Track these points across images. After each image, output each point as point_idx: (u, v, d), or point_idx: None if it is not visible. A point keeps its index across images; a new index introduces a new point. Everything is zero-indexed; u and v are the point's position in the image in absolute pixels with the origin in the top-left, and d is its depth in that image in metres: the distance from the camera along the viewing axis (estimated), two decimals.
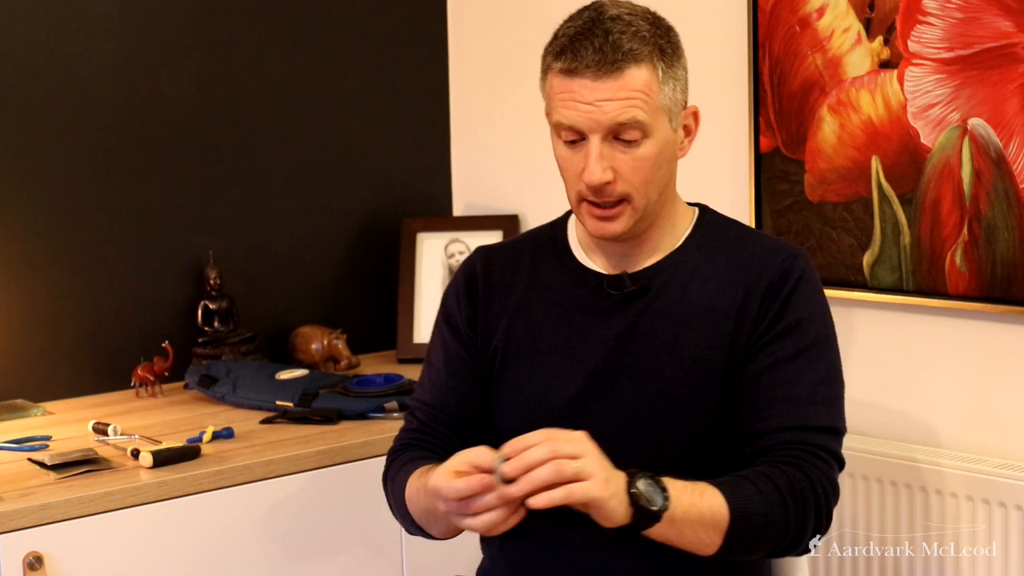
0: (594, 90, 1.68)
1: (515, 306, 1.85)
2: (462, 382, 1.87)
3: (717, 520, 1.61)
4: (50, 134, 2.64)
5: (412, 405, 1.92)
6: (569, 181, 1.76)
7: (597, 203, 1.73)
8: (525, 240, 1.94)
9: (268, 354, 2.88)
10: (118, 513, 2.07)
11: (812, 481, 1.68)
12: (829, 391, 1.76)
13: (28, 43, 2.60)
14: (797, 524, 1.66)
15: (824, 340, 1.77)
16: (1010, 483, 2.21)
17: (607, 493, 1.53)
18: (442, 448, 1.83)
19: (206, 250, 2.80)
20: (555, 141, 1.76)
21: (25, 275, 2.62)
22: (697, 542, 1.62)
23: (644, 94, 1.69)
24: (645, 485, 1.57)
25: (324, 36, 2.98)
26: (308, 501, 2.27)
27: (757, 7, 2.52)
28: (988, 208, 2.26)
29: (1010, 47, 2.21)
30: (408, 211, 3.08)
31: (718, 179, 2.66)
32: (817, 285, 1.80)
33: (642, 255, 1.81)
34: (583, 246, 1.85)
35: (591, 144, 1.70)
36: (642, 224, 1.76)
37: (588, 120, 1.69)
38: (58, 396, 2.64)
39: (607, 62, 1.68)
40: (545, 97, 1.77)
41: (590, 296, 1.81)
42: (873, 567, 2.39)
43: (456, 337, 1.88)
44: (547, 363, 1.80)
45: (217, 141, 2.85)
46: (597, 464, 1.54)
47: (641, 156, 1.71)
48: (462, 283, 1.90)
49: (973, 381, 2.36)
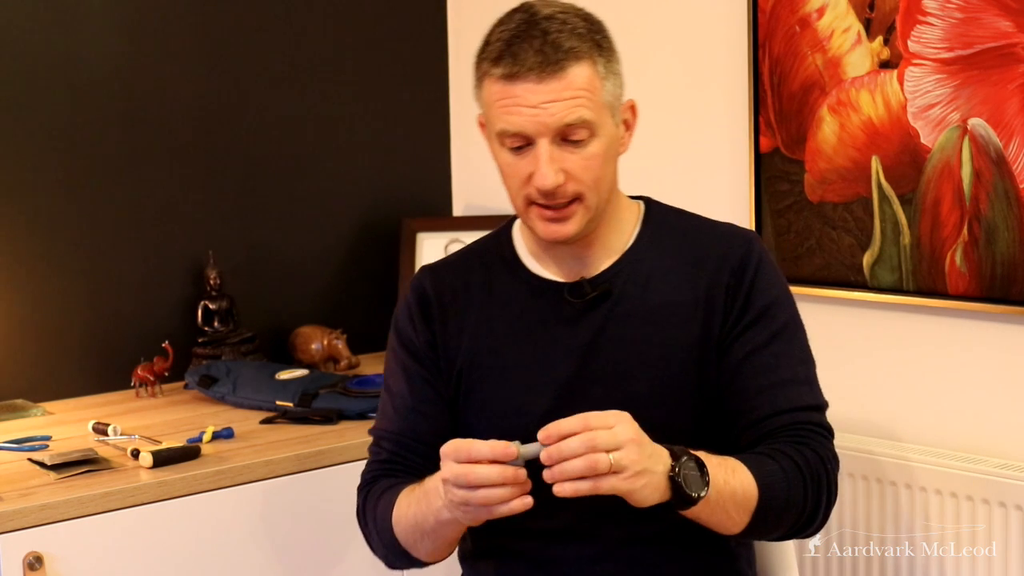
0: (538, 93, 1.64)
1: (474, 325, 1.80)
2: (430, 406, 1.82)
3: (748, 498, 1.60)
4: (50, 134, 2.64)
5: (377, 436, 1.86)
6: (513, 187, 1.71)
7: (548, 205, 1.68)
8: (470, 254, 1.88)
9: (268, 354, 2.88)
10: (118, 513, 2.06)
11: (822, 458, 1.69)
12: (807, 370, 1.76)
13: (28, 43, 2.60)
14: (813, 501, 1.66)
15: (792, 320, 1.76)
16: (1010, 483, 2.21)
17: (637, 485, 1.50)
18: (416, 477, 1.77)
19: (206, 250, 2.80)
20: (496, 149, 1.71)
21: (25, 275, 2.62)
22: (727, 520, 1.61)
23: (588, 92, 1.66)
24: (689, 470, 1.54)
25: (324, 36, 2.99)
26: (308, 501, 2.27)
27: (757, 7, 2.52)
28: (988, 208, 2.26)
29: (1010, 47, 2.21)
30: (408, 211, 3.08)
31: (718, 179, 2.66)
32: (774, 265, 1.78)
33: (594, 257, 1.77)
34: (533, 255, 1.81)
35: (540, 148, 1.65)
36: (592, 224, 1.73)
37: (535, 124, 1.65)
38: (58, 396, 2.64)
39: (549, 63, 1.64)
40: (482, 105, 1.72)
41: (550, 307, 1.77)
42: (873, 567, 2.39)
43: (417, 361, 1.83)
44: (515, 379, 1.76)
45: (217, 141, 2.85)
46: (634, 455, 1.50)
47: (590, 155, 1.67)
48: (415, 306, 1.84)
49: (973, 381, 2.36)
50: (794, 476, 1.64)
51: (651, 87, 2.78)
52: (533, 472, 1.58)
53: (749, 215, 2.58)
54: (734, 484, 1.59)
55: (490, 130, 1.72)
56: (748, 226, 2.58)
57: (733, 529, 1.63)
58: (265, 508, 2.23)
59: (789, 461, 1.65)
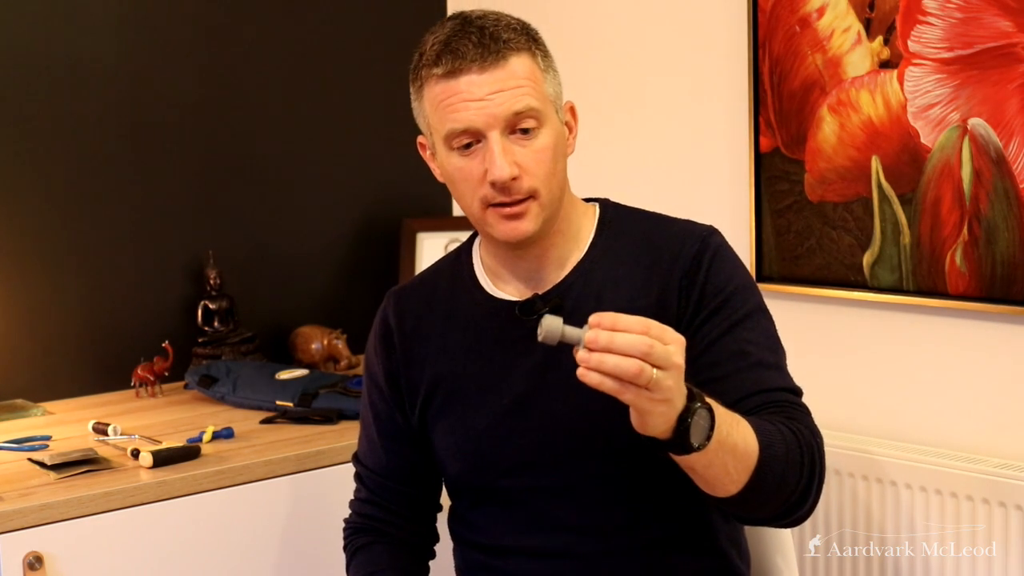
0: (482, 84, 1.63)
1: (436, 352, 1.78)
2: (396, 443, 1.84)
3: (748, 454, 1.51)
4: (51, 135, 2.64)
5: (357, 468, 1.90)
6: (468, 192, 1.67)
7: (505, 202, 1.65)
8: (435, 275, 1.86)
9: (268, 354, 2.88)
10: (118, 513, 2.06)
11: (812, 431, 1.62)
12: (776, 357, 1.70)
13: (28, 43, 2.60)
14: (807, 473, 1.58)
15: (756, 310, 1.71)
16: (1010, 483, 2.21)
17: (657, 410, 1.42)
18: (397, 520, 1.86)
19: (206, 250, 2.80)
20: (444, 158, 1.69)
21: (25, 275, 2.62)
22: (724, 476, 1.52)
23: (531, 81, 1.65)
24: (700, 418, 1.44)
25: (324, 35, 2.99)
26: (308, 501, 2.27)
27: (757, 7, 2.52)
28: (988, 208, 2.26)
29: (1010, 47, 2.21)
30: (408, 211, 3.08)
31: (718, 179, 2.66)
32: (733, 259, 1.73)
33: (549, 270, 1.74)
34: (491, 273, 1.79)
35: (491, 141, 1.63)
36: (548, 225, 1.70)
37: (484, 116, 1.63)
38: (58, 396, 2.64)
39: (489, 52, 1.63)
40: (424, 115, 1.71)
41: (504, 328, 1.74)
42: (873, 567, 2.39)
43: (380, 395, 1.84)
44: (476, 401, 1.75)
45: (217, 141, 2.85)
46: (671, 382, 1.40)
47: (540, 147, 1.65)
48: (378, 336, 1.84)
49: (973, 381, 2.36)
50: (791, 441, 1.57)
51: (651, 87, 2.78)
52: (516, 498, 1.60)
53: (749, 215, 2.58)
54: (736, 437, 1.50)
55: (436, 138, 1.69)
56: (748, 226, 2.58)
57: (730, 487, 1.53)
58: (265, 508, 2.23)
59: (784, 427, 1.58)
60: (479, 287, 1.79)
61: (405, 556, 1.87)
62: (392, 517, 1.87)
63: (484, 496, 1.77)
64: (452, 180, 1.70)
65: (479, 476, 1.76)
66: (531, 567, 1.74)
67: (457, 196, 1.71)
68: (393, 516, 1.87)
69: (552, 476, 1.71)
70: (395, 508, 1.87)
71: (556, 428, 1.71)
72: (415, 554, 1.89)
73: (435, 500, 1.90)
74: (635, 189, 1.89)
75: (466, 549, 1.83)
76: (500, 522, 1.76)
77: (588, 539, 1.71)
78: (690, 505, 1.72)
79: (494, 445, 1.74)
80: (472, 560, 1.82)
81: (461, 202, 1.71)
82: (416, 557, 1.89)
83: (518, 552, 1.75)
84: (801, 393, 1.70)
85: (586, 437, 1.69)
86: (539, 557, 1.73)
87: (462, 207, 1.72)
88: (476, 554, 1.81)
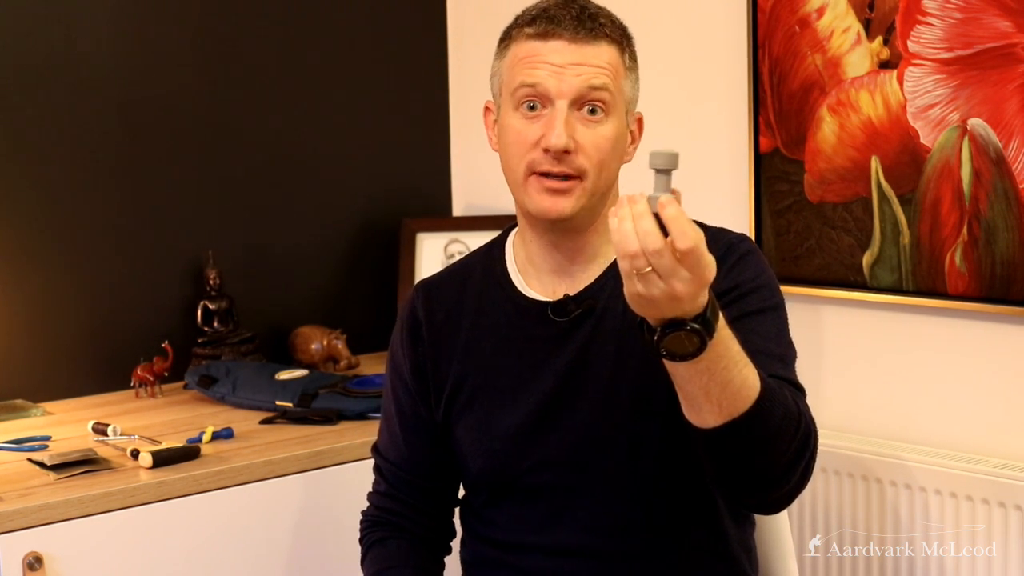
0: (567, 54, 1.63)
1: (464, 347, 1.78)
2: (418, 437, 1.83)
3: (742, 396, 1.44)
4: (50, 134, 2.64)
5: (377, 459, 1.90)
6: (516, 155, 1.66)
7: (551, 173, 1.64)
8: (465, 268, 1.85)
9: (268, 354, 2.88)
10: (118, 513, 2.06)
11: (810, 418, 1.57)
12: (783, 351, 1.67)
13: (28, 43, 2.60)
14: (797, 448, 1.51)
15: (772, 309, 1.69)
16: (1010, 483, 2.21)
17: (662, 301, 1.36)
18: (415, 514, 1.85)
19: (206, 250, 2.80)
20: (505, 117, 1.68)
21: (25, 275, 2.62)
22: (704, 400, 1.44)
23: (613, 70, 1.66)
24: (686, 339, 1.38)
25: (324, 36, 2.99)
26: (308, 501, 2.27)
27: (757, 7, 2.52)
28: (988, 208, 2.26)
29: (1010, 47, 2.21)
30: (408, 211, 3.08)
31: (718, 179, 2.66)
32: (760, 262, 1.72)
33: (581, 266, 1.74)
34: (522, 270, 1.78)
35: (556, 109, 1.63)
36: (587, 216, 1.69)
37: (559, 83, 1.63)
38: (58, 396, 2.64)
39: (584, 28, 1.64)
40: (501, 73, 1.70)
41: (535, 326, 1.73)
42: (873, 567, 2.39)
43: (404, 388, 1.83)
44: (503, 399, 1.75)
45: (217, 141, 2.85)
46: (656, 293, 1.35)
47: (603, 134, 1.65)
48: (405, 328, 1.83)
49: (973, 381, 2.36)
50: (793, 411, 1.51)
51: (651, 87, 2.78)
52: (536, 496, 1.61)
53: (749, 215, 2.58)
54: (732, 373, 1.43)
55: (504, 96, 1.68)
56: (748, 226, 2.58)
57: (709, 419, 1.45)
58: (265, 508, 2.23)
59: (792, 400, 1.52)
60: (511, 284, 1.78)
61: (420, 552, 1.86)
62: (410, 511, 1.86)
63: (503, 492, 1.77)
64: (505, 143, 1.69)
65: (501, 474, 1.76)
66: (546, 565, 1.74)
67: (504, 160, 1.70)
68: (411, 510, 1.86)
69: (573, 475, 1.71)
70: (413, 502, 1.86)
71: (582, 429, 1.71)
72: (431, 550, 1.88)
73: (454, 495, 1.90)
74: (635, 189, 1.87)
75: (478, 544, 1.82)
76: (517, 519, 1.76)
77: (605, 539, 1.72)
78: (706, 510, 1.73)
79: (519, 444, 1.73)
80: (484, 555, 1.81)
81: (506, 166, 1.70)
82: (432, 553, 1.88)
83: (534, 549, 1.74)
84: (804, 392, 1.69)
85: (610, 438, 1.70)
86: (555, 555, 1.73)
87: (505, 172, 1.70)
88: (489, 549, 1.80)
